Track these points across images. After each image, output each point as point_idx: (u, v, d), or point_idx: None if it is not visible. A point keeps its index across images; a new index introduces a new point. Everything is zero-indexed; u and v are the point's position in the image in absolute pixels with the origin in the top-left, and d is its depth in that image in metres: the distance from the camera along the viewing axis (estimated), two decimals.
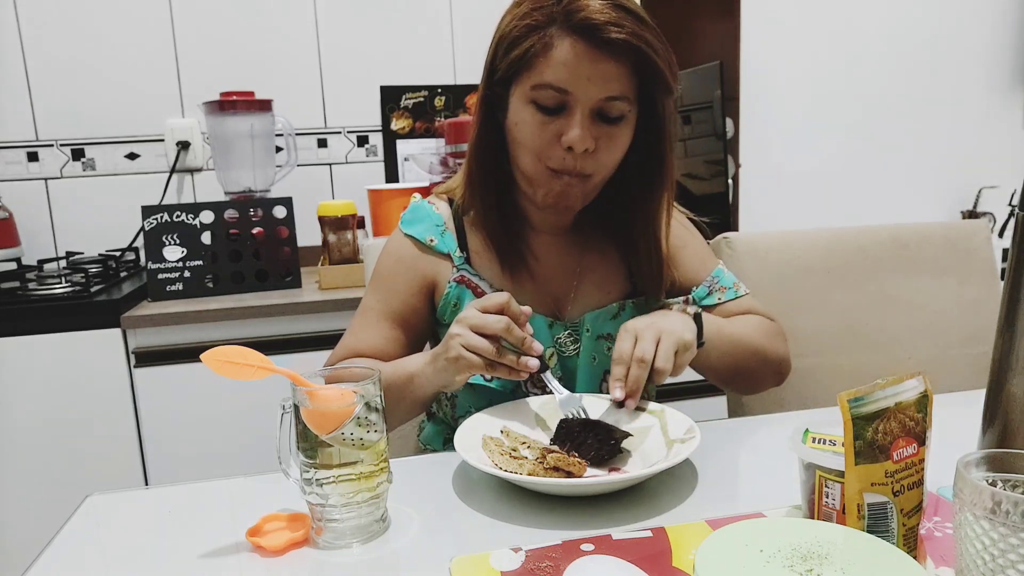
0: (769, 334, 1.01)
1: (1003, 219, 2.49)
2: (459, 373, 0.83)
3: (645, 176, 0.94)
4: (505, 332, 0.81)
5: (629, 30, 0.81)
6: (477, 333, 0.81)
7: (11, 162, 1.98)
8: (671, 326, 0.84)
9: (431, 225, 1.00)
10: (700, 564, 0.47)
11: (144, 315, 1.56)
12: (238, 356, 0.64)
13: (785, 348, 1.03)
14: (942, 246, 1.29)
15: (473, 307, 0.84)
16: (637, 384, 0.82)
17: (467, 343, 0.81)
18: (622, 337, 0.84)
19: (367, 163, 2.19)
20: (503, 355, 0.81)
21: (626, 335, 0.84)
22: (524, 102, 0.86)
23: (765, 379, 1.03)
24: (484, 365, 0.81)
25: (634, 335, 0.84)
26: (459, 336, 0.82)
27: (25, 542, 1.56)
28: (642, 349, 0.82)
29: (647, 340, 0.82)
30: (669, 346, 0.82)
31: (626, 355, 0.83)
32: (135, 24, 1.99)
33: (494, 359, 0.81)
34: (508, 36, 0.86)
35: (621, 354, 0.83)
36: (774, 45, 2.42)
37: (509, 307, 0.83)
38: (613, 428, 0.78)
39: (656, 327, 0.84)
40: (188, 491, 0.78)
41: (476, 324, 0.81)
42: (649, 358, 0.82)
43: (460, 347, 0.81)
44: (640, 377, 0.81)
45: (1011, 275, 0.67)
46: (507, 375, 0.82)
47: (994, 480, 0.51)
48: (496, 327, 0.81)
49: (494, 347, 0.81)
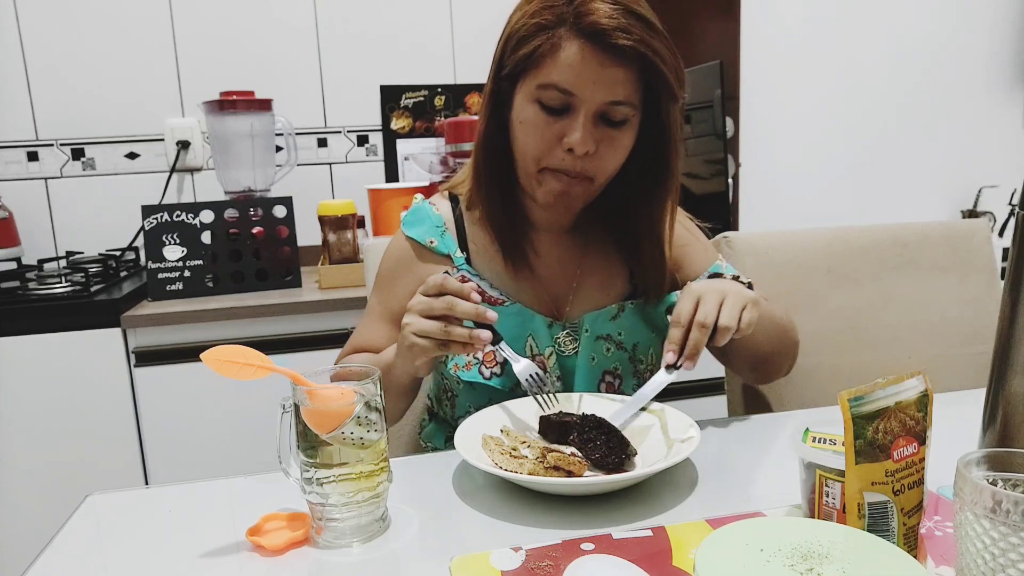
0: (787, 316, 1.01)
1: (1003, 218, 2.49)
2: (416, 359, 0.84)
3: (649, 180, 0.94)
4: (449, 310, 0.81)
5: (637, 37, 0.81)
6: (426, 316, 0.82)
7: (11, 162, 1.98)
8: (735, 288, 0.84)
9: (431, 226, 1.01)
10: (700, 563, 0.47)
11: (144, 315, 1.56)
12: (238, 356, 0.64)
13: (797, 333, 1.03)
14: (942, 246, 1.29)
15: (418, 292, 0.84)
16: (696, 348, 0.81)
17: (415, 329, 0.82)
18: (684, 299, 0.83)
19: (367, 162, 2.19)
20: (451, 332, 0.81)
21: (687, 297, 0.83)
22: (529, 100, 0.87)
23: (786, 363, 1.03)
24: (435, 346, 0.82)
25: (696, 297, 0.83)
26: (408, 324, 0.83)
27: (25, 542, 1.56)
28: (704, 312, 0.81)
29: (710, 303, 0.81)
30: (735, 303, 0.81)
31: (685, 317, 0.82)
32: (135, 24, 1.99)
33: (444, 338, 0.81)
34: (517, 33, 0.86)
35: (680, 315, 0.82)
36: (774, 45, 2.43)
37: (446, 286, 0.82)
38: (628, 443, 0.77)
39: (720, 289, 0.83)
40: (188, 491, 0.78)
41: (422, 309, 0.82)
42: (711, 321, 0.81)
43: (410, 334, 0.82)
44: (700, 341, 0.81)
45: (1011, 274, 0.67)
46: (461, 351, 0.82)
47: (994, 479, 0.51)
48: (440, 307, 0.81)
49: (442, 326, 0.81)
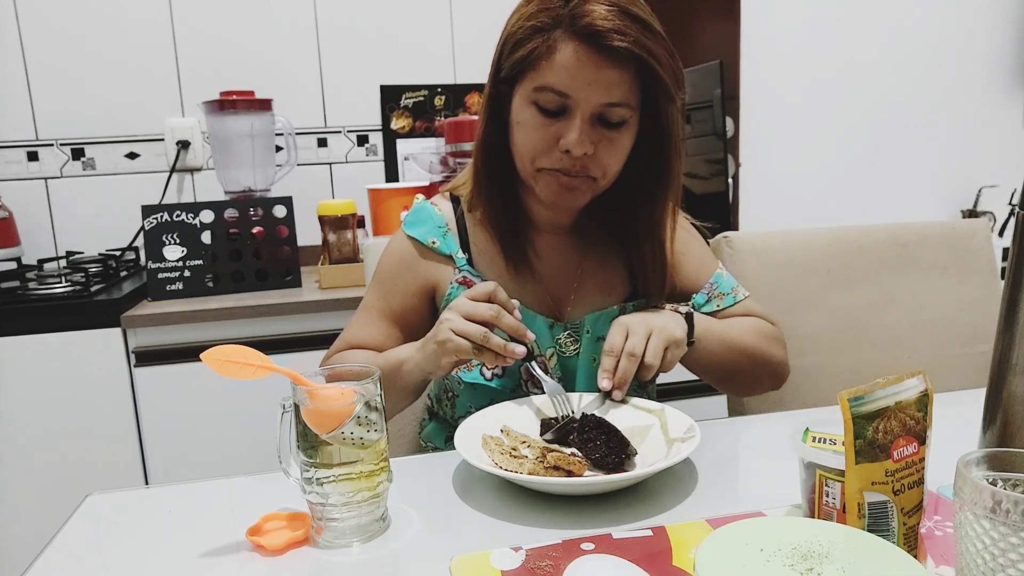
0: (767, 337, 1.00)
1: (1003, 218, 2.49)
2: (446, 356, 0.84)
3: (650, 181, 0.94)
4: (495, 319, 0.83)
5: (632, 38, 0.81)
6: (467, 319, 0.83)
7: (11, 162, 1.98)
8: (662, 323, 0.87)
9: (433, 227, 1.01)
10: (700, 563, 0.47)
11: (144, 315, 1.56)
12: (238, 355, 0.64)
13: (782, 352, 1.02)
14: (942, 246, 1.29)
15: (464, 296, 0.86)
16: (625, 376, 0.84)
17: (456, 327, 0.82)
18: (614, 330, 0.87)
19: (367, 162, 2.19)
20: (489, 340, 0.82)
21: (618, 328, 0.87)
22: (526, 103, 0.87)
23: (760, 381, 1.04)
24: (471, 349, 0.82)
25: (625, 329, 0.86)
26: (449, 320, 0.84)
27: (25, 542, 1.56)
28: (632, 343, 0.85)
29: (638, 335, 0.85)
30: (659, 343, 0.85)
31: (616, 348, 0.85)
32: (135, 24, 1.99)
33: (481, 343, 0.82)
34: (514, 36, 0.86)
35: (612, 346, 0.86)
36: (774, 45, 2.43)
37: (496, 295, 0.85)
38: (629, 444, 0.77)
39: (647, 323, 0.87)
40: (188, 491, 0.78)
41: (466, 311, 0.83)
42: (639, 352, 0.84)
43: (449, 331, 0.83)
44: (628, 370, 0.84)
45: (1011, 274, 0.67)
46: (494, 361, 0.83)
47: (994, 479, 0.51)
48: (486, 314, 0.83)
49: (483, 331, 0.82)
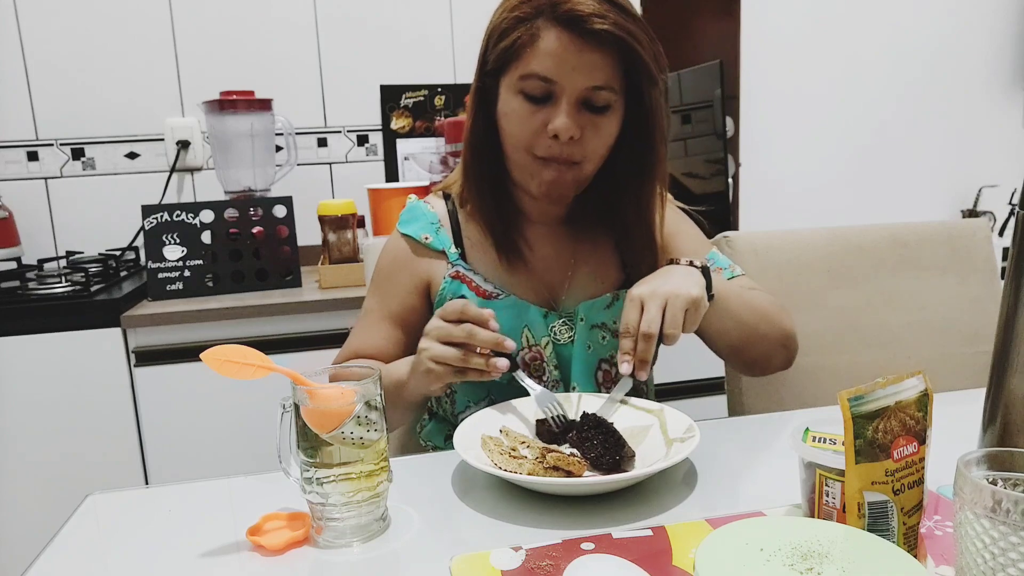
0: (776, 304, 0.99)
1: (1003, 218, 2.49)
2: (432, 384, 0.84)
3: (636, 166, 0.95)
4: (468, 339, 0.81)
5: (613, 21, 0.83)
6: (444, 342, 0.82)
7: (11, 162, 1.98)
8: (677, 287, 0.82)
9: (426, 223, 1.01)
10: (700, 563, 0.47)
11: (144, 314, 1.56)
12: (238, 355, 0.64)
13: (791, 323, 1.00)
14: (942, 245, 1.29)
15: (436, 316, 0.84)
16: (645, 357, 0.81)
17: (433, 355, 0.82)
18: (628, 307, 0.83)
19: (367, 162, 2.19)
20: (469, 360, 0.81)
21: (631, 305, 0.83)
22: (512, 92, 0.89)
23: (775, 351, 0.99)
24: (452, 373, 0.82)
25: (640, 303, 0.82)
26: (426, 350, 0.83)
27: (25, 542, 1.56)
28: (647, 321, 0.81)
29: (652, 310, 0.81)
30: (677, 309, 0.81)
31: (632, 325, 0.82)
32: (135, 24, 1.99)
33: (462, 366, 0.81)
34: (498, 28, 0.89)
35: (627, 325, 0.82)
36: (774, 45, 2.42)
37: (467, 312, 0.82)
38: (625, 443, 0.77)
39: (661, 292, 0.82)
40: (188, 490, 0.78)
41: (440, 335, 0.82)
42: (655, 330, 0.80)
43: (428, 360, 0.82)
44: (647, 350, 0.81)
45: (1011, 274, 0.66)
46: (478, 378, 0.82)
47: (994, 479, 0.51)
48: (459, 335, 0.81)
49: (460, 353, 0.81)
